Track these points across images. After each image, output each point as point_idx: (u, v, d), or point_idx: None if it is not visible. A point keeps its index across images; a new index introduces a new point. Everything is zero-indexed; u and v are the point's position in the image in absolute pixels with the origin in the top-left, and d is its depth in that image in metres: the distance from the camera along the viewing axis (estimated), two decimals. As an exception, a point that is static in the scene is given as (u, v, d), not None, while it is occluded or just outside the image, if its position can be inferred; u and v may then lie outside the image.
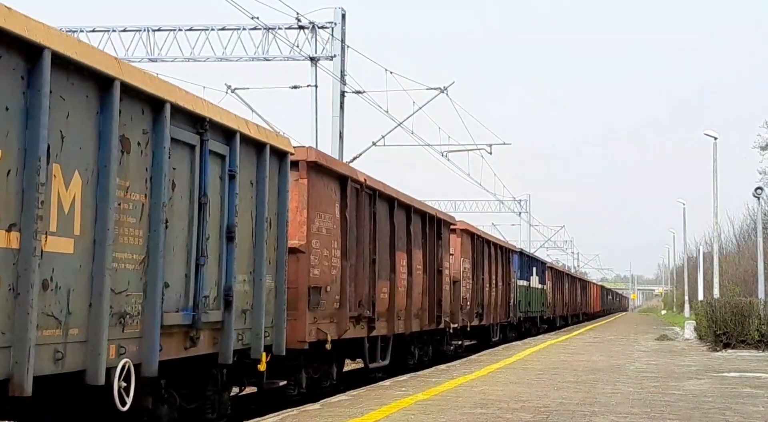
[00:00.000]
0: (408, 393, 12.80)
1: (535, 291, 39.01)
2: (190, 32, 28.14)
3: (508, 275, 30.87)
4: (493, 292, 27.76)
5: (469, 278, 24.12)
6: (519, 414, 10.67)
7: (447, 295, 20.71)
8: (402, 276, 17.07)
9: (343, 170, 13.86)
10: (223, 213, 9.58)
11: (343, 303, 13.57)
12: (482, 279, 26.09)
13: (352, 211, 13.99)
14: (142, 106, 8.02)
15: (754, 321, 24.84)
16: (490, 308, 27.12)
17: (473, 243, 24.95)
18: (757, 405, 11.94)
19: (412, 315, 17.58)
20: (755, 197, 31.24)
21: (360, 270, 14.39)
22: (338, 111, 26.71)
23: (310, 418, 10.14)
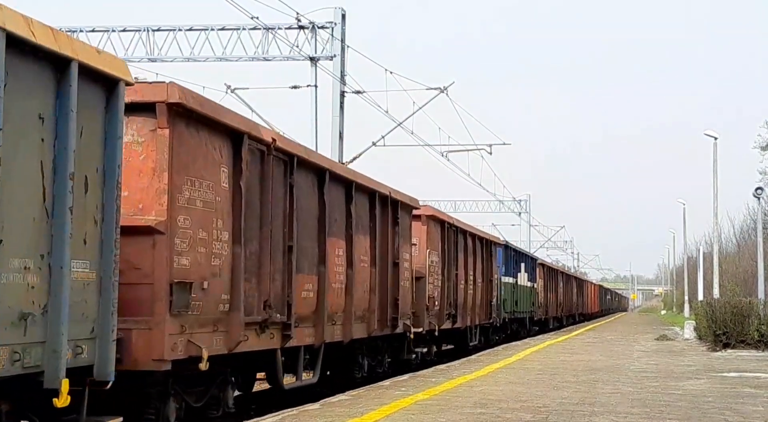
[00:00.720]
0: (408, 393, 12.81)
1: (523, 289, 35.94)
2: (189, 32, 28.14)
3: (489, 271, 27.13)
4: (470, 290, 24.12)
5: (438, 273, 20.26)
6: (519, 413, 10.67)
7: (407, 294, 17.20)
8: (337, 269, 13.62)
9: (235, 123, 10.04)
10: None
11: (235, 304, 9.89)
12: (456, 275, 22.27)
13: (252, 180, 10.45)
14: None
15: (754, 321, 24.85)
16: (466, 309, 23.64)
17: (443, 232, 21.02)
18: (756, 405, 11.95)
19: (353, 319, 14.22)
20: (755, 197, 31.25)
21: (266, 261, 10.74)
22: (338, 111, 26.72)
23: (309, 418, 10.15)
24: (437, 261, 20.34)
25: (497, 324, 29.02)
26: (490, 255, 27.20)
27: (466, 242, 23.68)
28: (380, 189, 15.64)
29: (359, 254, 14.58)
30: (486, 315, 26.60)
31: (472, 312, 24.54)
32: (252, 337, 10.50)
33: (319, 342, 12.89)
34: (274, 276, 11.05)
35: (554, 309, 48.56)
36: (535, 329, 40.40)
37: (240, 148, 10.10)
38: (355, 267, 14.32)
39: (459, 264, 22.78)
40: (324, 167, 13.00)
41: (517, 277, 34.41)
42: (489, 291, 27.00)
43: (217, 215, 9.68)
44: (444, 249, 21.06)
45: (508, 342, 30.53)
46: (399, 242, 16.52)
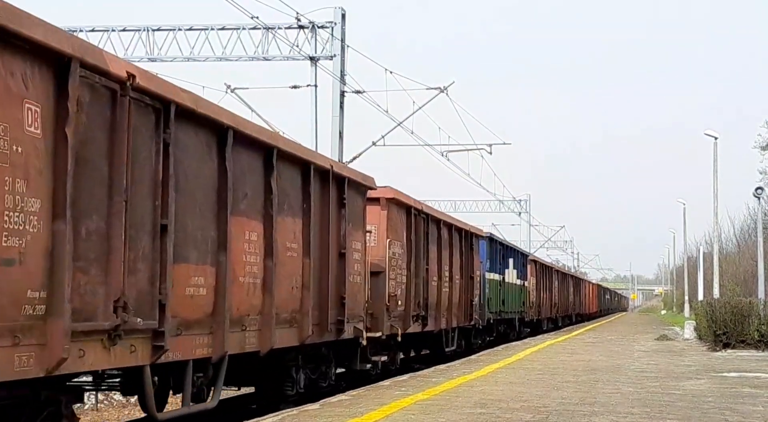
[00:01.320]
0: (408, 392, 12.80)
1: (512, 287, 33.14)
2: (189, 32, 28.15)
3: (470, 266, 23.77)
4: (444, 288, 20.69)
5: (401, 268, 17.04)
6: (519, 414, 10.67)
7: (358, 291, 14.26)
8: (248, 258, 10.46)
9: (55, 41, 6.92)
10: None
11: (55, 306, 6.87)
12: (426, 270, 18.93)
13: (92, 129, 7.51)
14: None
15: (754, 321, 24.85)
16: (440, 309, 20.31)
17: (410, 219, 17.66)
18: (756, 405, 11.95)
19: (276, 322, 10.98)
20: (755, 197, 31.25)
21: (118, 245, 7.69)
22: (338, 111, 26.72)
23: (309, 418, 10.15)
24: (401, 253, 17.05)
25: (480, 326, 25.90)
26: (471, 248, 23.89)
27: (440, 232, 20.33)
28: (317, 160, 12.39)
29: (285, 240, 11.25)
30: (466, 317, 23.50)
31: (448, 313, 21.29)
32: (93, 352, 7.49)
33: (218, 355, 9.68)
34: (135, 266, 8.05)
35: (548, 310, 45.67)
36: (526, 331, 37.98)
37: (66, 80, 7.04)
38: (278, 256, 10.98)
39: (431, 258, 19.39)
40: (225, 124, 9.69)
41: (504, 274, 31.41)
42: (470, 290, 23.78)
43: (17, 174, 6.52)
44: (410, 239, 17.63)
45: (494, 345, 27.79)
46: (347, 228, 13.33)
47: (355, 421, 9.94)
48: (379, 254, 16.05)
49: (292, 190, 11.67)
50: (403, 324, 17.31)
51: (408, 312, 17.50)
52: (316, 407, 11.18)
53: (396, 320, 16.82)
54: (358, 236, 14.28)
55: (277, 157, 11.00)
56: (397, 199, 16.87)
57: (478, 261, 25.39)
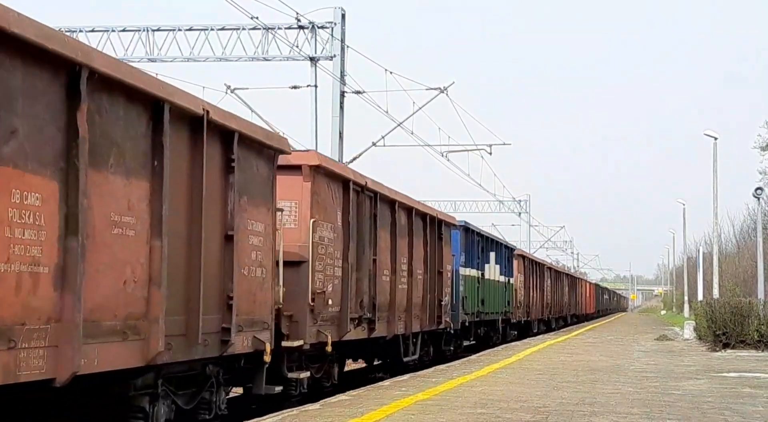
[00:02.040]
0: (408, 393, 12.82)
1: (493, 285, 29.35)
2: (189, 32, 28.16)
3: (438, 259, 20.11)
4: (401, 285, 17.17)
5: (334, 257, 13.52)
6: (518, 414, 10.68)
7: (258, 288, 10.59)
8: (16, 233, 6.58)
9: None
10: None
11: None
12: (373, 261, 15.32)
13: None
14: None
15: (754, 321, 24.87)
16: (396, 310, 16.77)
17: (347, 196, 14.03)
18: (756, 405, 11.96)
19: (85, 333, 7.23)
20: (755, 197, 31.27)
21: None
22: (338, 111, 26.73)
23: (309, 418, 10.16)
24: (334, 238, 13.47)
25: (451, 329, 22.13)
26: (440, 238, 20.22)
27: (395, 216, 16.60)
28: (179, 99, 8.71)
29: (108, 211, 7.72)
30: (433, 319, 19.72)
31: (407, 316, 17.62)
32: None
33: None
34: None
35: (539, 310, 41.95)
36: (512, 334, 34.33)
37: None
38: (94, 234, 7.48)
39: (380, 247, 15.65)
40: None
41: (484, 270, 27.73)
42: (438, 287, 20.06)
43: None
44: (349, 222, 14.00)
45: (476, 351, 24.70)
46: (237, 202, 9.92)
47: (355, 421, 9.96)
48: (299, 239, 12.45)
49: (126, 138, 7.99)
50: (338, 330, 13.66)
51: (345, 314, 13.79)
52: (316, 407, 11.19)
53: (326, 324, 13.13)
54: (260, 214, 10.58)
55: (93, 83, 7.36)
56: (327, 168, 13.21)
57: (450, 254, 21.65)
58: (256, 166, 10.66)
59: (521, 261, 37.08)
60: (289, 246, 12.18)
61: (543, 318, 43.89)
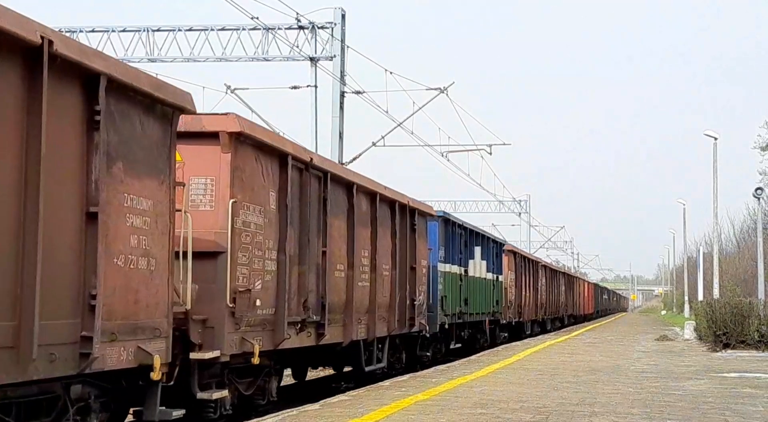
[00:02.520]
0: (408, 393, 12.80)
1: (479, 283, 26.67)
2: (189, 32, 28.15)
3: (410, 253, 17.76)
4: (362, 282, 14.94)
5: (266, 248, 11.12)
6: (518, 414, 10.67)
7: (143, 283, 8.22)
8: None
9: None
10: None
11: None
12: (323, 254, 12.99)
13: None
14: None
15: (754, 321, 24.86)
16: (353, 312, 14.39)
17: (285, 173, 11.58)
18: (756, 405, 11.95)
19: None
20: (755, 197, 31.27)
21: None
22: (338, 111, 26.72)
23: (309, 418, 10.16)
24: (265, 224, 11.09)
25: (427, 333, 19.58)
26: (413, 230, 17.94)
27: (352, 202, 14.33)
28: None
29: None
30: (404, 321, 17.47)
31: (371, 317, 15.39)
32: None
33: None
34: None
35: (532, 310, 39.12)
36: (503, 336, 31.89)
37: None
38: None
39: (332, 237, 13.34)
40: None
41: (467, 266, 25.16)
42: (410, 285, 17.86)
43: None
44: (287, 205, 11.56)
45: (457, 357, 22.57)
46: (101, 168, 7.46)
47: (354, 421, 9.95)
48: (215, 225, 10.23)
49: None
50: (272, 337, 11.31)
51: (281, 318, 11.39)
52: (316, 407, 11.18)
53: (254, 330, 10.79)
54: (146, 188, 8.23)
55: None
56: (254, 136, 10.69)
57: (425, 247, 19.32)
58: (140, 125, 8.12)
59: (512, 257, 34.50)
60: (204, 233, 10.03)
61: (537, 319, 41.07)
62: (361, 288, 14.96)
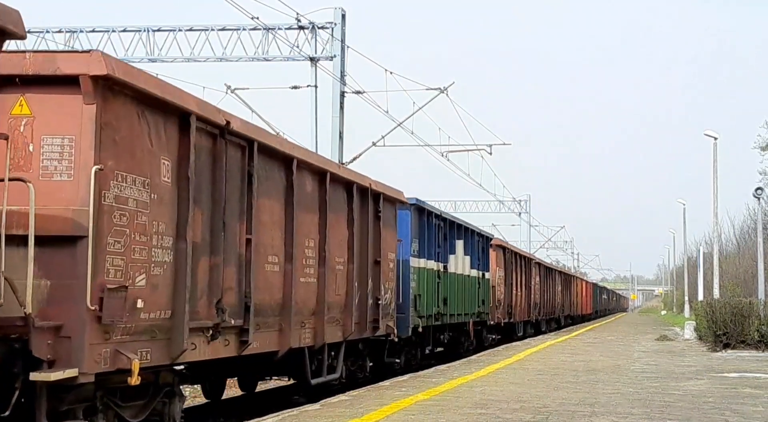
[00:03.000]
0: (408, 393, 12.80)
1: (461, 280, 24.24)
2: (190, 32, 28.14)
3: (374, 245, 15.25)
4: (305, 278, 12.30)
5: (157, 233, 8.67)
6: (519, 414, 10.67)
7: None
8: None
9: None
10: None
11: None
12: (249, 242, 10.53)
13: None
14: None
15: (754, 321, 24.87)
16: (296, 313, 11.85)
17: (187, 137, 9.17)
18: (756, 405, 11.95)
19: None
20: (755, 198, 31.24)
21: None
22: (338, 111, 26.71)
23: (310, 418, 10.16)
24: (151, 202, 8.62)
25: (396, 337, 16.66)
26: (378, 218, 15.45)
27: (291, 180, 11.65)
28: None
29: None
30: (365, 325, 14.89)
31: (318, 320, 12.75)
32: None
33: None
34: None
35: (524, 311, 36.63)
36: (491, 338, 29.70)
37: None
38: None
39: (263, 223, 10.93)
40: None
41: (447, 261, 22.66)
42: (374, 282, 15.31)
43: None
44: (189, 178, 9.11)
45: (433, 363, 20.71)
46: None
47: (355, 421, 9.95)
48: (75, 200, 7.76)
49: None
50: (168, 347, 8.87)
51: (180, 323, 8.90)
52: (316, 407, 11.18)
53: (136, 340, 8.34)
54: None
55: None
56: (134, 85, 8.24)
57: (394, 239, 16.72)
58: None
59: (500, 253, 31.82)
60: (58, 211, 7.68)
61: (530, 319, 38.64)
62: (305, 286, 12.14)
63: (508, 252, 33.68)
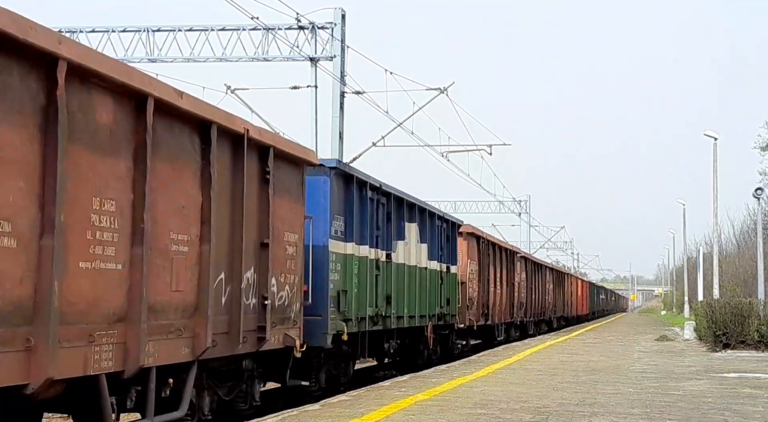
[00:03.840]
0: (408, 393, 12.81)
1: (414, 274, 19.03)
2: (189, 32, 28.15)
3: (260, 219, 10.83)
4: (99, 262, 7.74)
5: None
6: (518, 414, 10.68)
7: None
8: None
9: None
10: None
11: None
12: None
13: None
14: None
15: (754, 321, 24.87)
16: (70, 322, 7.26)
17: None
18: (756, 405, 11.96)
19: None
20: (755, 198, 31.23)
21: None
22: (338, 111, 26.71)
23: (310, 418, 10.16)
24: None
25: (298, 350, 12.03)
26: (265, 181, 10.99)
27: (50, 93, 7.01)
28: None
29: None
30: (238, 335, 10.20)
31: (131, 332, 8.17)
32: None
33: None
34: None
35: (506, 311, 31.70)
36: (460, 346, 24.85)
37: None
38: None
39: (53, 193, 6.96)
40: None
41: (392, 249, 17.43)
42: (257, 272, 10.82)
43: None
44: None
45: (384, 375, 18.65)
46: None
47: (355, 421, 9.96)
48: None
49: None
50: None
51: None
52: (316, 407, 11.19)
53: None
54: None
55: None
56: None
57: (298, 213, 12.10)
58: None
59: (473, 243, 26.42)
60: None
61: (513, 321, 33.83)
62: (94, 275, 7.70)
63: (484, 242, 28.01)
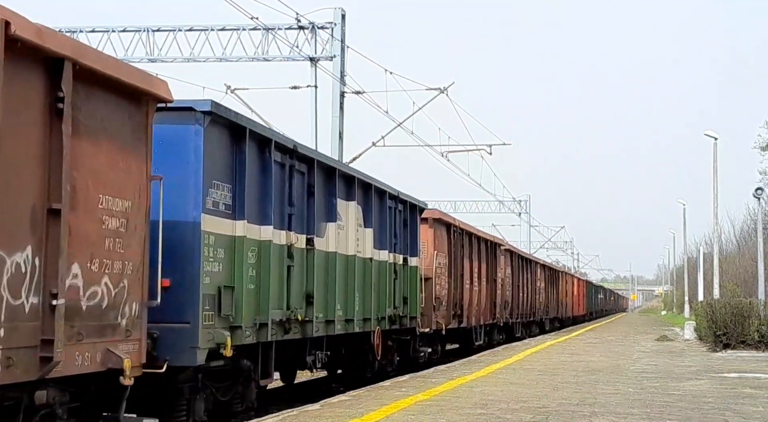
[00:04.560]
0: (408, 393, 12.80)
1: (358, 266, 15.08)
2: (189, 32, 28.14)
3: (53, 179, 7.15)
4: None
5: None
6: (519, 414, 10.67)
7: None
8: None
9: None
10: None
11: None
12: None
13: None
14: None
15: (754, 321, 24.87)
16: None
17: None
18: (756, 405, 11.95)
19: None
20: (755, 198, 31.23)
21: None
22: (338, 111, 26.71)
23: (310, 418, 10.16)
24: None
25: (128, 377, 8.11)
26: (54, 112, 7.27)
27: None
28: None
29: None
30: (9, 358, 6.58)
31: None
32: None
33: None
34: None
35: (484, 312, 27.29)
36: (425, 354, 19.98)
37: None
38: None
39: None
40: None
41: (316, 232, 13.24)
42: (40, 260, 7.03)
43: None
44: None
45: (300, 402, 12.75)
46: None
47: (355, 421, 9.95)
48: None
49: None
50: None
51: None
52: (316, 407, 11.18)
53: None
54: None
55: None
56: None
57: (139, 173, 8.59)
58: None
59: (440, 231, 22.15)
60: None
61: (496, 323, 29.44)
62: None
63: (456, 230, 23.46)
